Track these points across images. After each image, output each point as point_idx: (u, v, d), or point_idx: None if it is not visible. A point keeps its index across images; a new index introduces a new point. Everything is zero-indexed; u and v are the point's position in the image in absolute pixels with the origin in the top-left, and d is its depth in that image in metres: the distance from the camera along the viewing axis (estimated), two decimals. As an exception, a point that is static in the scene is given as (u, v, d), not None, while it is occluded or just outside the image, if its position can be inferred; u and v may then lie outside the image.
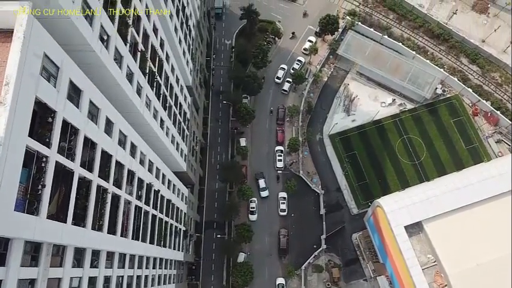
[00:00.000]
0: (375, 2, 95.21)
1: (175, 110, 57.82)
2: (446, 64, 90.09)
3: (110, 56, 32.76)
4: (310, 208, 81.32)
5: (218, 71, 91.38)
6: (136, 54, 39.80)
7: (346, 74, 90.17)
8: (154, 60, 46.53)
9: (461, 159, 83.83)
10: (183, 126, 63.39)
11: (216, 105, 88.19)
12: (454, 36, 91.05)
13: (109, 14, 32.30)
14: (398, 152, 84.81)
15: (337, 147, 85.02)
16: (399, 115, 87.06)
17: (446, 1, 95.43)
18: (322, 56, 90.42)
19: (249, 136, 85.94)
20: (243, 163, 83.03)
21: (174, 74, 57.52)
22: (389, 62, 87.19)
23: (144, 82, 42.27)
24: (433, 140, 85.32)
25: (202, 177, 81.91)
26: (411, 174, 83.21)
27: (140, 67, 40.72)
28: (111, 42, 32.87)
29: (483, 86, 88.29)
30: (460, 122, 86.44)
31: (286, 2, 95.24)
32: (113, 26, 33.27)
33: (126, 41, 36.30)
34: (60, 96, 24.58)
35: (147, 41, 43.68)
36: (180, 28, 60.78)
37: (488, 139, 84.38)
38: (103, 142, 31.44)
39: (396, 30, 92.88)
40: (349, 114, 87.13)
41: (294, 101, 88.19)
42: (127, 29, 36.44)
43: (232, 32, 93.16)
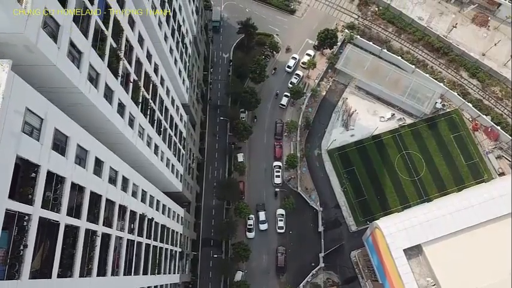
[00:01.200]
0: (374, 15, 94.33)
1: (171, 132, 56.96)
2: (446, 78, 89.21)
3: (100, 94, 31.90)
4: (309, 225, 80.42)
5: (216, 85, 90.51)
6: (129, 85, 38.94)
7: (345, 88, 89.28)
8: (148, 87, 45.69)
9: (461, 175, 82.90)
10: (178, 147, 62.51)
11: (214, 119, 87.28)
12: (454, 49, 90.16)
13: (98, 51, 31.42)
14: (398, 168, 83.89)
15: (336, 163, 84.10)
16: (398, 130, 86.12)
17: (446, 14, 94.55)
18: (321, 69, 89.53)
19: (246, 151, 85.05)
20: (241, 179, 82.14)
21: (169, 95, 56.69)
22: (389, 77, 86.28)
23: (137, 112, 41.41)
24: (433, 155, 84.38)
25: (199, 194, 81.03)
26: (410, 191, 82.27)
27: (132, 97, 39.86)
28: (101, 80, 32.00)
29: (483, 101, 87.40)
30: (460, 137, 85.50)
31: (284, 15, 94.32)
32: (103, 62, 32.40)
33: (117, 74, 35.45)
34: (44, 149, 23.70)
35: (140, 68, 42.85)
36: (176, 48, 59.99)
37: (489, 155, 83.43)
38: (92, 184, 30.56)
39: (395, 43, 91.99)
40: (347, 129, 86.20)
41: (292, 115, 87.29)
42: (118, 62, 35.57)
43: (230, 45, 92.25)
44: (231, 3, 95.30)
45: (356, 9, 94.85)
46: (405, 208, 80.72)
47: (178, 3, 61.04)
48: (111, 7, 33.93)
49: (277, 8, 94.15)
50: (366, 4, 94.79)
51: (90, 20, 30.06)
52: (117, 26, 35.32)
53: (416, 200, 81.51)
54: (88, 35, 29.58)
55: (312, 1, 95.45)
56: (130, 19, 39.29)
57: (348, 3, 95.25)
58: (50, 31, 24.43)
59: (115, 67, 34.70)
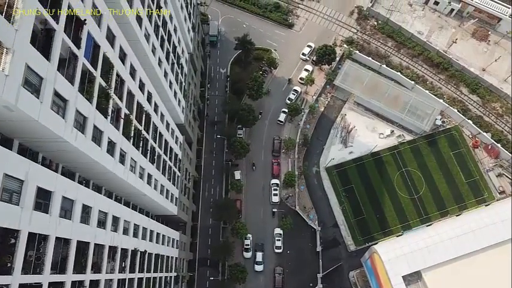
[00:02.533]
0: (373, 29, 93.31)
1: (165, 158, 55.86)
2: (446, 94, 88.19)
3: (87, 138, 30.82)
4: (307, 245, 79.31)
5: (213, 101, 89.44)
6: (119, 122, 37.87)
7: (344, 103, 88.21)
8: (141, 118, 44.63)
9: (461, 193, 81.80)
10: (173, 170, 61.41)
11: (211, 136, 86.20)
12: (454, 65, 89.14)
13: (86, 95, 30.35)
14: (397, 186, 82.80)
15: (334, 181, 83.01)
16: (398, 147, 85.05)
17: (446, 28, 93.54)
18: (319, 85, 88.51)
19: (244, 168, 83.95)
20: (238, 197, 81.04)
21: (164, 120, 55.62)
22: (388, 93, 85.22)
23: (129, 146, 40.34)
24: (433, 173, 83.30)
25: (195, 213, 79.92)
26: (410, 210, 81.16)
27: (124, 133, 38.79)
28: (89, 124, 30.93)
29: (483, 117, 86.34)
30: (460, 155, 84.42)
31: (282, 29, 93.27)
32: (91, 105, 31.34)
33: (107, 114, 34.36)
34: (24, 212, 22.63)
35: (132, 100, 41.80)
36: (171, 71, 58.91)
37: (489, 173, 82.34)
38: (78, 234, 29.49)
39: (395, 58, 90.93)
40: (346, 145, 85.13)
41: (290, 131, 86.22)
42: (108, 101, 34.50)
43: (227, 60, 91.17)
44: (228, 17, 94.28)
45: (355, 23, 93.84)
46: (404, 227, 79.94)
47: (174, 24, 60.00)
48: (100, 45, 32.88)
49: (275, 22, 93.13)
50: (364, 18, 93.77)
51: (77, 64, 29.00)
52: (106, 63, 34.26)
53: (416, 219, 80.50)
54: (74, 81, 28.53)
55: (310, 15, 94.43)
56: (121, 52, 38.25)
57: (347, 17, 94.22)
58: (32, 87, 23.39)
59: (104, 107, 33.64)
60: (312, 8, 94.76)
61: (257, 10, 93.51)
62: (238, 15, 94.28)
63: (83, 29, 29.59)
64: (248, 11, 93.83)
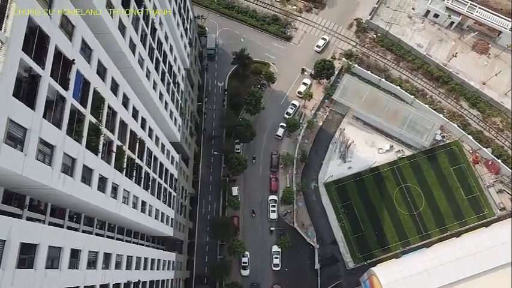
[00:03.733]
0: (372, 42, 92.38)
1: (160, 181, 54.87)
2: (445, 108, 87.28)
3: (76, 180, 29.86)
4: (305, 262, 78.38)
5: (210, 115, 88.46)
6: (111, 155, 36.90)
7: (342, 118, 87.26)
8: (135, 146, 43.66)
9: (461, 210, 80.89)
10: (169, 191, 60.41)
11: (208, 151, 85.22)
12: (454, 78, 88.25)
13: (75, 136, 29.38)
14: (396, 202, 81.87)
15: (333, 197, 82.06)
16: (397, 162, 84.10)
17: (446, 41, 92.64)
18: (317, 99, 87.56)
19: (241, 184, 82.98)
20: (235, 213, 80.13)
21: (159, 143, 54.68)
22: (387, 108, 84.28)
23: (121, 178, 39.36)
24: (432, 189, 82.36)
25: (192, 230, 78.90)
26: (409, 226, 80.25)
27: (116, 166, 37.83)
28: (78, 165, 29.96)
29: (484, 132, 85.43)
30: (460, 170, 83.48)
31: (280, 42, 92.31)
32: (80, 145, 30.38)
33: (98, 151, 33.39)
34: (6, 272, 21.63)
35: (124, 130, 40.82)
36: (166, 91, 57.94)
37: (490, 189, 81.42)
38: (66, 281, 28.50)
39: (394, 71, 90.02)
40: (345, 161, 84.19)
41: (288, 146, 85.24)
42: (98, 137, 33.53)
43: (225, 74, 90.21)
44: (226, 30, 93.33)
45: (354, 36, 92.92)
46: (404, 245, 79.09)
47: (169, 44, 59.07)
48: (90, 82, 31.94)
49: (273, 35, 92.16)
50: (364, 31, 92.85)
51: (64, 106, 28.05)
52: (97, 98, 33.32)
53: (415, 236, 79.68)
54: (62, 124, 27.57)
55: (308, 27, 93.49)
56: (113, 84, 37.27)
57: (346, 30, 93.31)
58: (16, 140, 22.45)
59: (95, 144, 32.67)
60: (310, 21, 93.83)
61: (255, 23, 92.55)
62: (236, 27, 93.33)
63: (72, 69, 28.63)
64: (246, 24, 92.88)
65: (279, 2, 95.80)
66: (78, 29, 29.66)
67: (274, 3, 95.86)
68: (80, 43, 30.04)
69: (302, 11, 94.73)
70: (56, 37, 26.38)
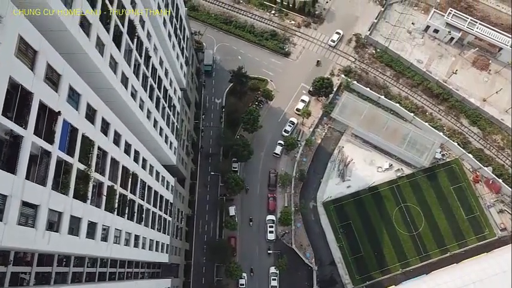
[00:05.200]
0: (372, 58, 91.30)
1: (155, 210, 53.75)
2: (445, 125, 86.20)
3: (63, 234, 28.73)
4: (303, 284, 77.32)
5: (207, 132, 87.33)
6: (101, 198, 35.79)
7: (341, 135, 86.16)
8: (127, 182, 42.57)
9: (462, 230, 79.81)
10: (164, 218, 59.28)
11: (205, 169, 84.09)
12: (454, 95, 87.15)
13: (61, 190, 28.27)
14: (395, 222, 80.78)
15: (332, 216, 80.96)
16: (396, 181, 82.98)
17: (446, 56, 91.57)
18: (316, 116, 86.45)
19: (238, 203, 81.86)
20: (232, 234, 79.05)
21: (153, 171, 53.59)
22: (387, 126, 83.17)
23: (112, 219, 38.25)
24: (432, 208, 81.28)
25: (188, 250, 77.76)
26: (409, 247, 79.17)
27: (107, 208, 36.72)
28: (64, 217, 28.85)
29: (484, 150, 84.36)
30: (460, 189, 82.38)
31: (278, 58, 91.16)
32: (67, 196, 29.27)
33: (86, 198, 32.28)
34: None
35: (116, 168, 39.73)
36: (162, 116, 56.79)
37: (490, 209, 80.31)
38: None
39: (394, 88, 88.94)
40: (344, 179, 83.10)
41: (287, 164, 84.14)
42: (88, 183, 32.42)
43: (222, 90, 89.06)
44: (223, 45, 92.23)
45: (353, 52, 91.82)
46: (403, 266, 78.08)
47: (164, 68, 58.00)
48: (78, 128, 30.84)
49: (271, 51, 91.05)
50: (363, 46, 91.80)
51: (50, 161, 26.94)
52: (86, 143, 32.24)
53: (415, 257, 78.64)
54: (47, 181, 26.46)
55: (307, 43, 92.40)
56: (103, 124, 36.20)
57: (345, 45, 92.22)
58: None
59: (83, 192, 31.55)
60: (309, 36, 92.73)
61: (253, 38, 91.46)
62: (233, 42, 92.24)
63: (58, 120, 27.53)
64: (244, 39, 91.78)
65: (277, 16, 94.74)
66: (65, 77, 28.59)
67: (273, 17, 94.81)
68: (66, 91, 28.98)
69: (300, 26, 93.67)
70: (40, 91, 25.30)
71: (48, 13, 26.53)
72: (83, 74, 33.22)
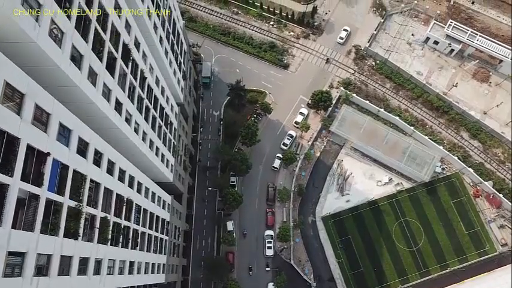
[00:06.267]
0: (371, 70, 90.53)
1: (151, 232, 52.89)
2: (446, 139, 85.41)
3: (52, 276, 27.88)
4: (302, 300, 76.46)
5: (206, 145, 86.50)
6: (94, 231, 34.96)
7: (340, 148, 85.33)
8: (121, 209, 41.73)
9: (462, 245, 79.01)
10: (160, 238, 58.41)
11: (203, 183, 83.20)
12: (454, 108, 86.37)
13: (50, 232, 27.45)
14: (395, 237, 79.96)
15: (331, 231, 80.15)
16: (396, 195, 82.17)
17: (446, 68, 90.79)
18: (315, 129, 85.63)
19: (237, 218, 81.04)
20: (230, 249, 78.21)
21: (149, 193, 52.72)
22: (386, 139, 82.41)
23: (106, 250, 37.40)
24: (432, 223, 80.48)
25: (185, 266, 76.88)
26: (408, 262, 78.38)
27: (99, 240, 35.88)
28: (54, 258, 28.02)
29: (485, 164, 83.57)
30: (461, 203, 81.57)
31: (277, 70, 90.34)
32: (57, 236, 28.43)
33: (78, 234, 31.45)
34: None
35: (110, 197, 38.90)
36: (158, 136, 55.91)
37: (491, 224, 79.49)
38: None
39: (393, 101, 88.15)
40: (343, 193, 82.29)
41: (285, 178, 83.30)
42: (79, 220, 31.58)
43: (220, 103, 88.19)
44: (222, 57, 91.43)
45: (352, 64, 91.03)
46: (403, 282, 77.18)
47: (161, 86, 57.15)
48: (69, 165, 30.02)
49: (270, 63, 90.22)
50: (362, 58, 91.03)
51: (38, 204, 26.12)
52: (77, 178, 31.42)
53: (415, 273, 77.84)
54: (35, 226, 25.64)
55: (306, 55, 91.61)
56: (96, 155, 35.38)
57: (344, 57, 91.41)
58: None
59: (74, 230, 30.72)
60: (308, 47, 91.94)
61: (251, 50, 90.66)
62: (232, 54, 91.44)
63: (47, 161, 26.72)
64: (242, 50, 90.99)
65: (276, 28, 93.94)
66: (55, 115, 27.79)
67: (271, 29, 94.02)
68: (56, 129, 28.20)
69: (299, 37, 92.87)
70: (27, 135, 24.50)
71: (36, 52, 25.75)
72: (73, 105, 32.54)
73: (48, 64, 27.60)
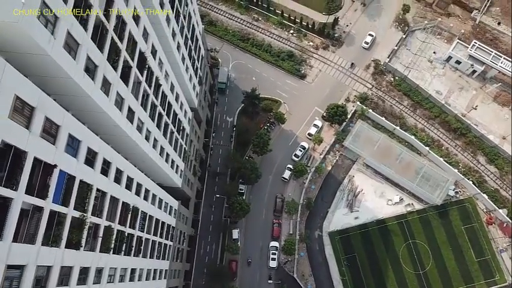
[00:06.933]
0: (389, 86, 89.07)
1: (155, 238, 52.75)
2: (461, 162, 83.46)
3: (51, 287, 27.81)
4: (302, 316, 75.57)
5: (217, 150, 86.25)
6: (97, 240, 34.83)
7: (352, 164, 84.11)
8: (126, 218, 41.59)
9: (471, 273, 77.05)
10: (164, 244, 58.26)
11: (211, 189, 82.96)
12: (473, 131, 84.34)
13: (52, 243, 27.31)
14: (402, 259, 78.43)
15: (337, 248, 79.04)
16: (406, 216, 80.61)
17: (467, 89, 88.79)
18: (328, 142, 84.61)
19: (242, 226, 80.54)
20: (234, 258, 77.77)
21: (156, 200, 52.60)
22: (400, 159, 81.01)
23: (107, 258, 37.26)
24: (441, 247, 78.71)
25: (188, 271, 76.73)
26: (414, 286, 76.84)
27: (102, 249, 35.77)
28: (54, 270, 27.92)
29: (500, 191, 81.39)
30: (472, 230, 79.58)
31: (294, 79, 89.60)
32: (59, 248, 28.33)
33: (80, 245, 31.29)
34: None
35: (115, 205, 38.80)
36: (169, 142, 55.72)
37: (503, 253, 77.37)
38: None
39: (410, 119, 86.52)
40: (352, 210, 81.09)
41: (294, 190, 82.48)
42: (82, 230, 31.47)
43: (235, 109, 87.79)
44: (239, 63, 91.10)
45: (370, 78, 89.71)
46: (407, 305, 75.67)
47: (175, 93, 56.99)
48: (76, 176, 29.92)
49: (287, 72, 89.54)
50: (381, 73, 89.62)
51: (41, 216, 26.03)
52: (83, 189, 31.32)
53: (420, 297, 76.20)
54: (36, 238, 25.52)
55: (324, 66, 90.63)
56: (104, 164, 35.27)
57: (363, 71, 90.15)
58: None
59: (76, 241, 30.61)
60: (326, 59, 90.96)
61: (269, 58, 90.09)
62: (249, 61, 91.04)
63: (53, 174, 26.62)
64: (260, 58, 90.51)
65: (296, 36, 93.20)
66: (64, 127, 27.68)
67: (291, 37, 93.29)
68: (65, 141, 28.07)
69: (319, 48, 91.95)
70: (35, 148, 24.39)
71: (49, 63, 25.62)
72: (84, 113, 32.53)
73: (61, 75, 27.46)
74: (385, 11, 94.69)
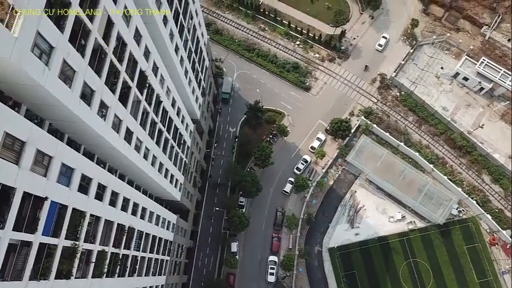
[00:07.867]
0: (395, 100, 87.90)
1: (152, 255, 52.09)
2: (466, 180, 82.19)
3: (38, 321, 27.17)
4: (299, 332, 74.68)
5: (218, 161, 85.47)
6: (89, 266, 34.18)
7: (355, 179, 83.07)
8: (121, 239, 40.93)
9: (472, 294, 75.89)
10: (161, 260, 57.59)
11: (211, 200, 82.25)
12: (478, 149, 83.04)
13: (41, 277, 26.66)
14: (402, 277, 77.31)
15: (336, 264, 78.06)
16: (407, 234, 79.48)
17: (474, 106, 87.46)
18: (331, 156, 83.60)
19: (242, 239, 79.71)
20: (232, 271, 77.00)
21: (153, 217, 51.93)
22: (403, 176, 79.88)
23: (100, 283, 36.60)
24: (442, 267, 77.51)
25: (185, 284, 76.06)
26: (414, 306, 75.75)
27: (94, 274, 35.09)
28: (42, 304, 27.30)
29: (504, 211, 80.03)
30: (475, 250, 78.33)
31: (298, 91, 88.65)
32: (48, 280, 27.66)
33: (71, 274, 30.65)
34: None
35: (110, 229, 38.14)
36: (169, 158, 55.05)
37: (505, 275, 76.09)
38: None
39: (415, 135, 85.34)
40: (353, 226, 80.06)
41: (295, 204, 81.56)
42: (74, 258, 30.82)
43: (238, 119, 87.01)
44: (243, 73, 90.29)
45: (376, 92, 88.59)
46: (406, 326, 74.57)
47: (177, 107, 56.30)
48: (68, 205, 29.25)
49: (291, 83, 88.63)
50: (387, 88, 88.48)
51: (30, 251, 25.36)
52: (75, 217, 30.66)
53: (419, 317, 75.09)
54: (23, 274, 24.84)
55: (329, 79, 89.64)
56: (99, 189, 34.61)
57: (368, 84, 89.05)
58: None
59: (67, 271, 29.93)
60: (332, 71, 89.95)
61: (274, 69, 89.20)
62: (254, 71, 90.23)
63: (43, 206, 25.96)
64: (265, 68, 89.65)
65: (302, 48, 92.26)
66: (57, 157, 27.02)
67: (297, 48, 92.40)
68: (57, 172, 27.41)
69: (324, 60, 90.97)
70: (24, 183, 23.73)
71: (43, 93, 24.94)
72: (80, 136, 31.90)
73: (55, 103, 26.81)
74: (393, 25, 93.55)
